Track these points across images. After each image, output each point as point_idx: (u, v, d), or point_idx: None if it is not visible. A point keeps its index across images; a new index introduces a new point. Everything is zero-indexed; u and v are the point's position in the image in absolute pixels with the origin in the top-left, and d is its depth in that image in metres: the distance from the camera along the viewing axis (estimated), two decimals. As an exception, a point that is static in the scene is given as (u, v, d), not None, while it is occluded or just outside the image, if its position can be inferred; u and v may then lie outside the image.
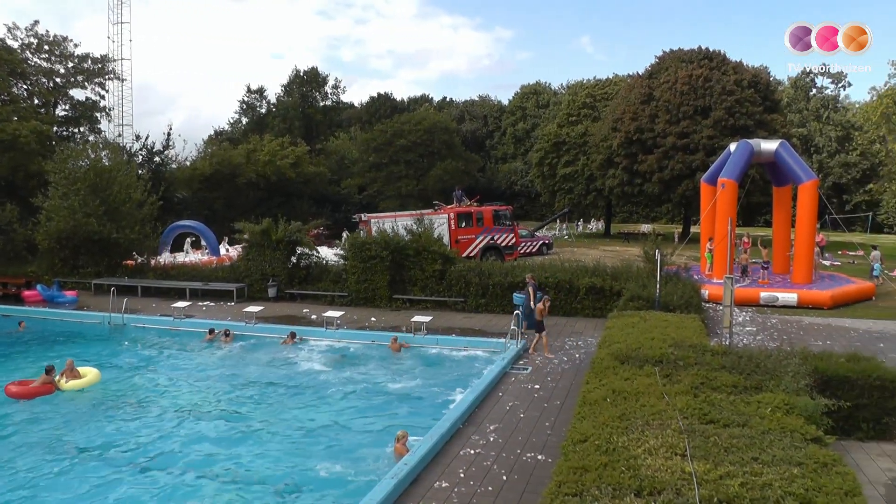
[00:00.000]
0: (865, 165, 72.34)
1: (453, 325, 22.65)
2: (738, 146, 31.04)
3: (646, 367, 11.61)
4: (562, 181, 66.80)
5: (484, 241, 38.78)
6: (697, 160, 53.50)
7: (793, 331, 22.66)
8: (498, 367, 16.58)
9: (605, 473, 7.43)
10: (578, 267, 25.79)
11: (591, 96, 73.26)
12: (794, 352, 13.08)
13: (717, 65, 57.71)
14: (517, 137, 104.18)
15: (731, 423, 8.98)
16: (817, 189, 29.75)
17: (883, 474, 11.41)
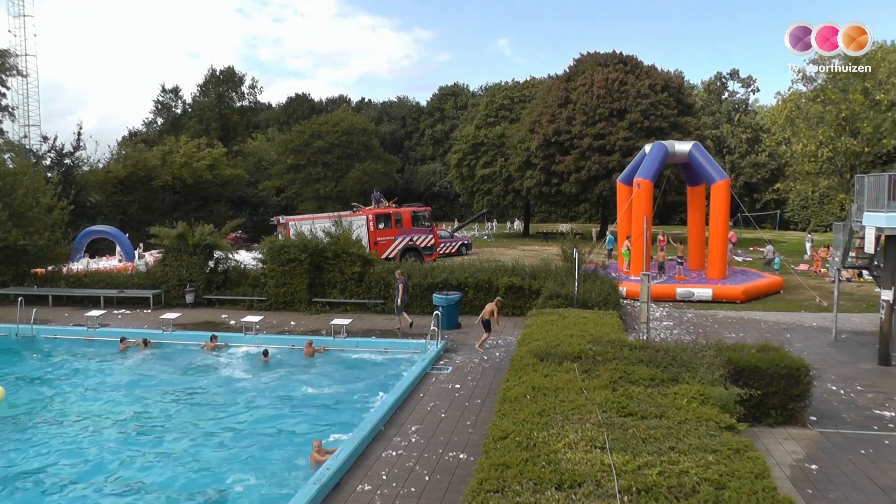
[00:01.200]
0: (773, 166, 74.98)
1: (373, 328, 22.56)
2: (653, 147, 31.84)
3: (565, 363, 11.78)
4: (480, 182, 67.22)
5: (403, 243, 38.81)
6: (614, 161, 54.63)
7: (708, 324, 23.41)
8: (418, 369, 16.59)
9: (526, 469, 7.50)
10: (497, 266, 26.02)
11: (508, 98, 73.80)
12: (708, 344, 13.58)
13: (632, 69, 59.07)
14: (436, 139, 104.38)
15: (648, 414, 9.22)
16: (729, 188, 30.79)
17: (789, 456, 12.02)
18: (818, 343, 21.17)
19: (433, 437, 12.51)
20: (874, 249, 19.55)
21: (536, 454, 7.89)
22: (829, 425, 13.77)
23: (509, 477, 7.36)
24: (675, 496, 6.98)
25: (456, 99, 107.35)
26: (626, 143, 54.74)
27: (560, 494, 6.97)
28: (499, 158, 65.62)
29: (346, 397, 16.18)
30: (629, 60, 60.26)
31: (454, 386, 15.76)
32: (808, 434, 13.20)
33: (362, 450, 11.79)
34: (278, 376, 18.08)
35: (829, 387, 16.35)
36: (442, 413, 13.84)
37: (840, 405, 15.12)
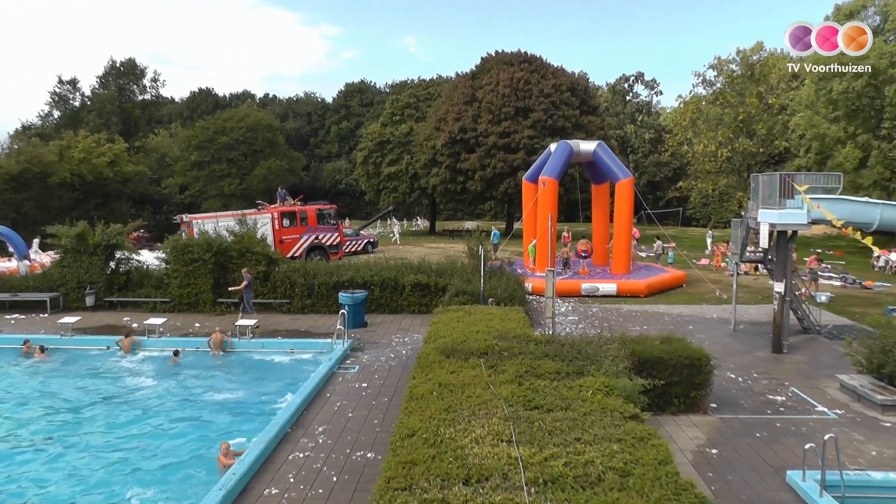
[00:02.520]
0: (676, 165, 77.38)
1: (279, 328, 22.14)
2: (559, 146, 32.33)
3: (471, 359, 11.83)
4: (386, 180, 67.03)
5: (308, 241, 38.30)
6: (518, 159, 55.25)
7: (612, 318, 23.92)
8: (325, 368, 16.36)
9: (434, 465, 7.50)
10: (404, 264, 25.94)
11: (415, 96, 73.80)
12: (613, 337, 13.87)
13: (538, 68, 59.87)
14: (341, 136, 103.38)
15: (554, 407, 9.34)
16: (633, 186, 31.55)
17: (691, 442, 12.45)
18: (718, 334, 21.93)
19: (340, 436, 12.37)
20: (768, 244, 20.39)
21: (443, 450, 7.90)
22: (729, 411, 14.32)
23: (417, 474, 7.35)
24: (580, 485, 7.10)
25: (362, 96, 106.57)
26: (531, 142, 55.46)
27: (467, 489, 7.00)
28: (405, 156, 65.59)
29: (253, 399, 15.81)
30: (535, 60, 61.07)
31: (361, 385, 15.63)
32: (709, 420, 13.68)
33: (269, 452, 11.55)
34: (183, 380, 17.47)
35: (728, 375, 17.00)
36: (349, 412, 13.69)
37: (738, 392, 15.74)
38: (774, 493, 10.44)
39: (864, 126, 50.32)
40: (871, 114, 50.05)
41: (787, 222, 19.49)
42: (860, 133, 50.35)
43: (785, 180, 19.86)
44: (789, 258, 20.35)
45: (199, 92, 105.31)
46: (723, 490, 10.49)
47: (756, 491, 10.51)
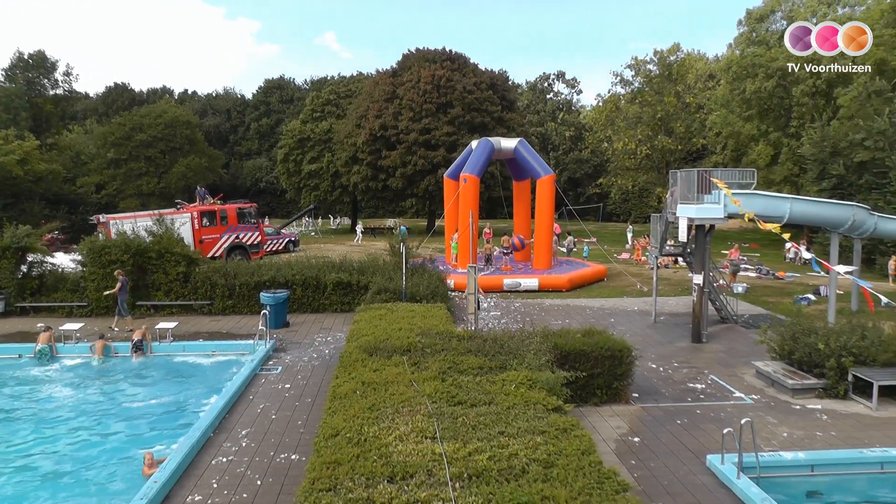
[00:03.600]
0: (596, 161, 78.72)
1: (200, 330, 21.62)
2: (480, 143, 32.49)
3: (394, 357, 11.81)
4: (307, 178, 66.35)
5: (229, 241, 37.65)
6: (439, 156, 55.43)
7: (535, 312, 24.16)
8: (247, 370, 16.05)
9: (358, 464, 7.46)
10: (325, 263, 25.67)
11: (335, 93, 73.15)
12: (535, 332, 14.01)
13: (459, 66, 60.20)
14: (262, 133, 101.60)
15: (478, 402, 9.38)
16: (554, 183, 31.93)
17: (614, 431, 12.68)
18: (639, 325, 22.40)
19: (264, 439, 12.15)
20: (687, 238, 20.93)
21: (368, 449, 7.86)
22: (650, 400, 14.64)
23: (341, 474, 7.30)
24: (505, 478, 7.14)
25: (282, 92, 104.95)
26: (451, 139, 55.75)
27: (392, 487, 6.98)
28: (326, 154, 65.03)
29: (176, 405, 15.32)
30: (456, 58, 61.37)
31: (284, 386, 15.40)
32: (631, 410, 13.95)
33: (192, 458, 11.23)
34: (101, 388, 16.77)
35: (649, 365, 17.38)
36: (272, 414, 13.47)
37: (659, 381, 16.11)
38: (695, 477, 10.72)
39: (775, 125, 52.42)
40: (781, 113, 52.13)
41: (704, 217, 20.05)
42: (771, 131, 52.42)
43: (702, 176, 20.43)
44: (707, 251, 20.91)
45: (114, 87, 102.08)
46: (645, 476, 10.70)
47: (677, 476, 10.76)
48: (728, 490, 10.24)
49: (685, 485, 10.45)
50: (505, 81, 66.75)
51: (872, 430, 13.01)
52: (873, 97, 40.75)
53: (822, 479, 11.03)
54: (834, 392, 14.88)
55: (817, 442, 12.30)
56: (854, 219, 21.82)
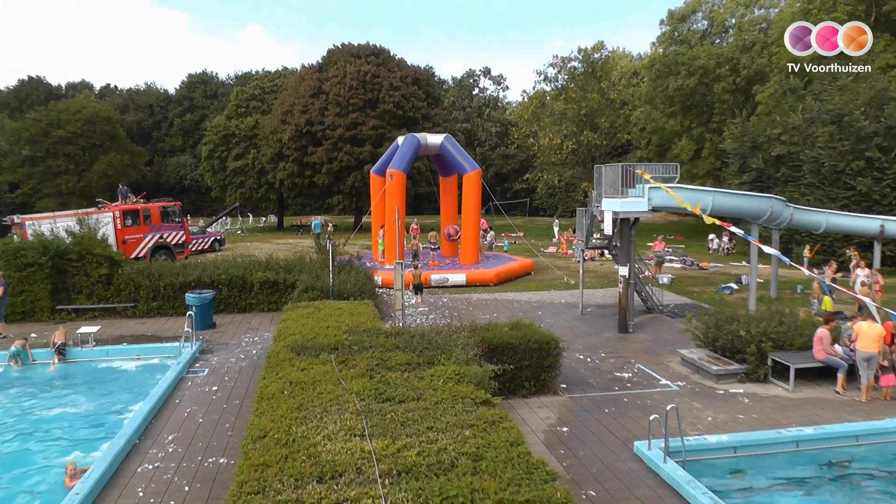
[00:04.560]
0: (522, 157, 79.38)
1: (125, 333, 21.02)
2: (406, 139, 32.48)
3: (322, 355, 11.71)
4: (233, 175, 65.36)
5: (153, 241, 36.79)
6: (365, 152, 55.31)
7: (463, 307, 24.28)
8: (174, 373, 15.68)
9: (287, 466, 7.36)
10: (252, 262, 25.27)
11: (260, 88, 72.04)
12: (462, 326, 14.06)
13: (384, 61, 60.14)
14: (185, 129, 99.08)
15: (406, 398, 9.38)
16: (480, 178, 32.14)
17: (543, 422, 12.85)
18: (567, 317, 22.71)
19: (192, 444, 11.89)
20: (612, 231, 21.31)
21: (296, 449, 7.77)
22: (578, 390, 14.87)
23: (269, 476, 7.19)
24: (434, 473, 7.14)
25: (206, 87, 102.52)
26: (378, 134, 55.63)
27: (321, 487, 6.91)
28: (251, 150, 64.18)
29: (99, 412, 14.76)
30: (382, 53, 61.29)
31: (211, 388, 15.12)
32: (559, 400, 14.15)
33: (116, 467, 10.87)
34: (17, 397, 15.98)
35: (577, 356, 17.66)
36: (200, 418, 13.20)
37: (587, 371, 16.38)
38: (623, 464, 10.94)
39: (698, 120, 54.01)
40: (704, 109, 53.65)
41: (629, 210, 20.47)
42: (694, 127, 53.99)
43: (627, 171, 20.84)
44: (632, 244, 21.31)
45: (28, 80, 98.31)
46: (574, 465, 10.87)
47: (606, 463, 10.97)
48: (655, 475, 10.49)
49: (613, 471, 10.66)
50: (431, 77, 66.86)
51: (789, 410, 13.59)
52: (788, 95, 42.28)
53: (745, 459, 11.47)
54: (755, 376, 15.46)
55: (740, 424, 12.73)
56: (772, 210, 22.61)
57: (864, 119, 34.60)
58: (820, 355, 14.91)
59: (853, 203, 34.38)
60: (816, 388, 15.01)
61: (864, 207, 33.40)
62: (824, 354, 14.88)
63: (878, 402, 14.20)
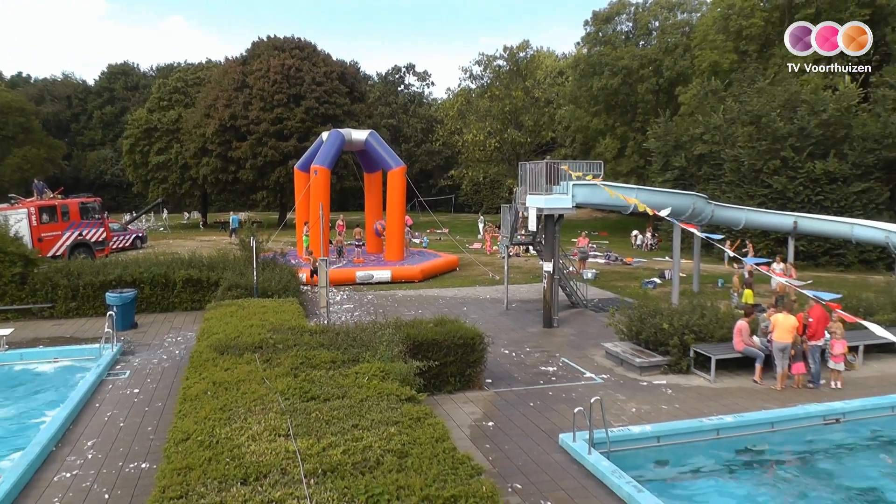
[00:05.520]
0: (448, 154, 79.50)
1: (41, 336, 20.26)
2: (330, 135, 32.31)
3: (246, 354, 11.60)
4: (155, 170, 63.78)
5: (71, 238, 35.66)
6: (290, 147, 54.77)
7: (388, 304, 24.26)
8: (93, 376, 15.19)
9: (210, 468, 7.28)
10: (174, 259, 24.69)
11: (183, 81, 70.38)
12: (387, 323, 14.08)
13: (309, 55, 59.56)
14: (106, 122, 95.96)
15: (331, 396, 9.37)
16: (405, 175, 32.16)
17: (468, 417, 12.95)
18: (492, 313, 22.91)
19: (112, 449, 11.51)
20: (536, 227, 21.58)
21: (220, 451, 7.69)
22: (503, 385, 15.03)
23: (193, 479, 7.10)
24: (359, 471, 7.17)
25: (126, 79, 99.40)
26: (302, 129, 55.18)
27: (246, 489, 6.87)
28: (174, 145, 62.69)
29: (12, 418, 14.22)
30: (306, 47, 60.68)
31: (133, 391, 14.72)
32: (484, 395, 14.27)
33: (30, 476, 10.40)
34: None
35: (502, 351, 17.84)
36: (121, 422, 12.81)
37: (512, 366, 16.57)
38: (548, 456, 11.12)
39: (621, 120, 55.23)
40: (627, 109, 54.83)
41: (553, 207, 20.77)
42: (618, 126, 55.19)
43: (551, 168, 21.13)
44: (557, 240, 21.62)
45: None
46: (500, 459, 10.99)
47: (531, 456, 11.12)
48: (580, 466, 10.70)
49: (539, 464, 10.82)
50: (356, 73, 66.54)
51: (711, 400, 14.06)
52: (710, 96, 43.57)
53: (668, 448, 11.84)
54: (678, 368, 15.95)
55: (663, 415, 13.11)
56: (694, 207, 23.28)
57: (780, 120, 35.93)
58: (739, 346, 15.49)
59: (770, 200, 35.77)
60: (736, 378, 15.58)
61: (780, 204, 34.81)
62: (743, 345, 15.48)
63: (791, 389, 14.88)
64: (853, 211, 33.88)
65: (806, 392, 14.81)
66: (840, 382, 15.22)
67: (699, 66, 47.54)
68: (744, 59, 45.38)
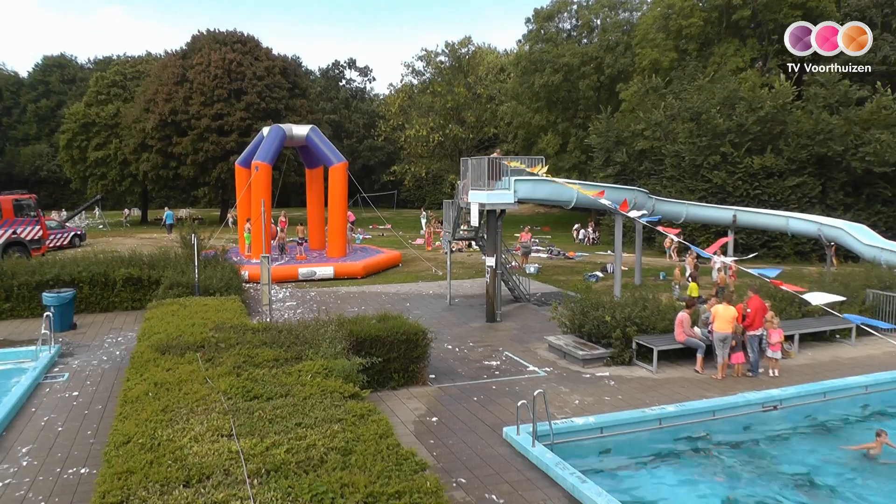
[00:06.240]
0: (390, 149, 79.32)
1: (-30, 339, 19.72)
2: (271, 130, 32.07)
3: (188, 354, 11.46)
4: (93, 166, 62.30)
5: (5, 236, 34.75)
6: (231, 142, 54.19)
7: (331, 301, 24.18)
8: (29, 380, 14.76)
9: (152, 471, 7.19)
10: (114, 258, 24.21)
11: (121, 74, 68.76)
12: (330, 320, 14.04)
13: (251, 49, 58.95)
14: (41, 116, 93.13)
15: (274, 395, 9.34)
16: (346, 170, 32.08)
17: (412, 413, 13.02)
18: (435, 308, 23.01)
19: (49, 455, 11.17)
20: (479, 222, 21.72)
21: (162, 454, 7.60)
22: (447, 380, 15.14)
23: (134, 483, 6.99)
24: (303, 470, 7.16)
25: (63, 71, 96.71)
26: (244, 124, 54.62)
27: (188, 491, 6.80)
28: (113, 140, 61.28)
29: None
30: (248, 41, 60.04)
31: (72, 394, 14.36)
32: (428, 391, 14.35)
33: (-42, 490, 10.07)
34: None
35: (445, 346, 17.96)
36: (59, 426, 12.45)
37: (456, 361, 16.69)
38: (492, 450, 11.24)
39: (563, 116, 55.85)
40: (569, 105, 55.48)
41: (495, 202, 20.94)
42: (560, 122, 55.80)
43: (493, 163, 21.31)
44: (499, 235, 21.79)
45: None
46: (444, 454, 11.08)
47: (475, 450, 11.23)
48: (524, 458, 10.84)
49: (483, 458, 10.93)
50: (297, 67, 65.94)
51: (653, 390, 14.39)
52: (650, 93, 44.35)
53: (611, 438, 12.07)
54: (620, 359, 16.29)
55: (606, 406, 13.36)
56: (635, 202, 23.65)
57: (720, 117, 36.81)
58: (681, 337, 15.87)
59: (710, 195, 36.61)
60: (677, 369, 16.00)
61: (719, 199, 35.65)
62: (685, 336, 15.86)
63: (731, 378, 15.34)
64: (788, 204, 34.98)
65: (745, 380, 15.28)
66: (777, 370, 15.76)
67: (640, 64, 48.35)
68: (684, 58, 46.29)
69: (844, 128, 35.26)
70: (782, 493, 10.48)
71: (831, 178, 36.57)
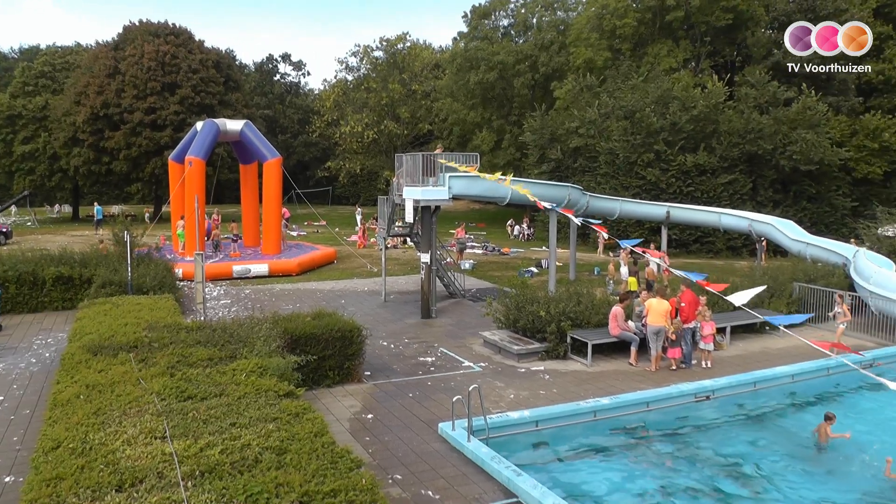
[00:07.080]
0: (325, 145, 78.76)
1: None
2: (205, 125, 31.67)
3: (120, 354, 11.29)
4: (20, 160, 60.47)
5: (-76, 235, 33.61)
6: (166, 137, 53.30)
7: (265, 298, 24.02)
8: (-49, 385, 14.37)
9: (83, 477, 7.04)
10: (43, 256, 23.54)
11: (50, 65, 66.71)
12: (265, 318, 13.99)
13: (184, 42, 57.99)
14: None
15: (208, 395, 9.29)
16: (281, 166, 31.87)
17: (347, 411, 13.07)
18: (370, 305, 23.06)
19: (-30, 464, 10.79)
20: (413, 219, 21.84)
21: (93, 458, 7.46)
22: (382, 377, 15.23)
23: (64, 490, 6.82)
24: (238, 470, 7.16)
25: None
26: (178, 119, 53.75)
27: (121, 496, 6.70)
28: (42, 133, 59.55)
29: None
30: (182, 33, 59.03)
31: (-3, 398, 13.97)
32: (363, 388, 14.42)
33: None
34: None
35: (380, 343, 18.03)
36: (-18, 432, 12.12)
37: (391, 358, 16.80)
38: (428, 445, 11.37)
39: (498, 113, 56.36)
40: (504, 102, 55.98)
41: (430, 198, 21.07)
42: (495, 119, 56.29)
43: (428, 160, 21.44)
44: (434, 231, 21.93)
45: None
46: (380, 451, 11.16)
47: (411, 447, 11.34)
48: (460, 453, 10.99)
49: (419, 454, 11.05)
50: (232, 61, 65.08)
51: (587, 384, 14.71)
52: (584, 91, 45.01)
53: (547, 432, 12.29)
54: (555, 353, 16.59)
55: (541, 400, 13.59)
56: (569, 198, 24.06)
57: (653, 116, 37.63)
58: (615, 331, 16.27)
59: (644, 191, 37.44)
60: (612, 362, 16.40)
61: (653, 195, 36.48)
62: (619, 330, 16.27)
63: (665, 371, 15.80)
64: (720, 201, 36.06)
65: (679, 372, 15.76)
66: (710, 362, 16.29)
67: (574, 63, 49.03)
68: (618, 58, 47.10)
69: (773, 127, 36.60)
70: (715, 480, 10.84)
71: (761, 175, 37.88)
